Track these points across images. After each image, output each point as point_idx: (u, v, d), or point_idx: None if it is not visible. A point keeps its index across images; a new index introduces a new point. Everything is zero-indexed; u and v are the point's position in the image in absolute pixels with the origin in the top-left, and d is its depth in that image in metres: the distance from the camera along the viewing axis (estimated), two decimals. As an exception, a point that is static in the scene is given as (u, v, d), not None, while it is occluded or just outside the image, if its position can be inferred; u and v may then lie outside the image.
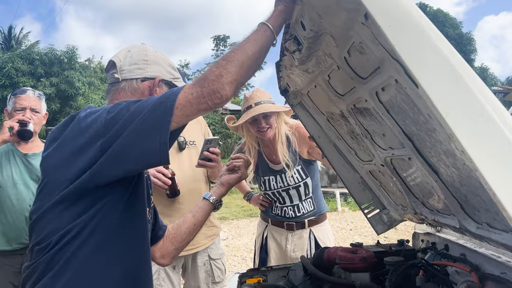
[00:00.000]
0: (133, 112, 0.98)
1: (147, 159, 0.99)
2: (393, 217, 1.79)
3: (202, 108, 0.97)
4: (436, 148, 1.03)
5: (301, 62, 1.34)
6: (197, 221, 1.48)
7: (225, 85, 0.95)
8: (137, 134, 0.96)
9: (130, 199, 1.08)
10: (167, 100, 0.97)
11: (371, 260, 1.29)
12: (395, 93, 1.02)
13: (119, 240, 1.06)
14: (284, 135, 2.40)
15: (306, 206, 2.47)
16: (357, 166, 1.77)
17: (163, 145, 0.96)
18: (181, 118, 0.98)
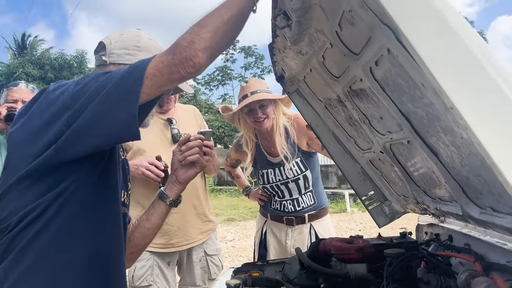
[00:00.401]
0: (102, 83, 0.91)
1: (115, 134, 0.92)
2: (395, 209, 1.71)
3: (174, 77, 0.90)
4: (434, 125, 0.95)
5: (293, 42, 1.28)
6: (152, 225, 1.33)
7: (198, 51, 0.88)
8: (104, 106, 0.89)
9: (101, 179, 1.01)
10: (136, 70, 0.91)
11: (367, 251, 1.22)
12: (389, 67, 0.95)
13: (86, 222, 0.99)
14: (283, 126, 2.32)
15: (306, 200, 2.39)
16: (357, 156, 1.70)
17: (132, 118, 0.89)
18: (152, 89, 0.91)
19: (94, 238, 1.01)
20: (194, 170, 1.36)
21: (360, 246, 1.20)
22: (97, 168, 1.00)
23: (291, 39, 1.26)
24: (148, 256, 2.15)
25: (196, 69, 0.90)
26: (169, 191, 1.34)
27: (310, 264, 1.26)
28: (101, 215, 1.03)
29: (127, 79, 0.90)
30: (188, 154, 1.33)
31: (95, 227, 1.01)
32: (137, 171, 2.04)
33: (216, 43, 0.89)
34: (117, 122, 0.90)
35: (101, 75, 0.94)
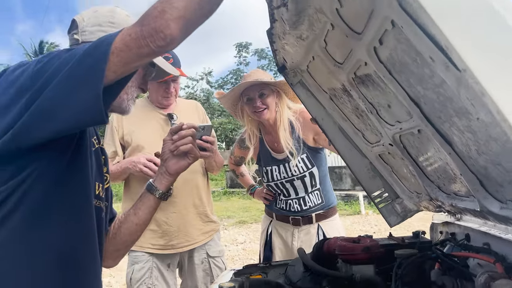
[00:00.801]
0: (64, 60, 0.82)
1: (77, 117, 0.81)
2: (407, 207, 1.59)
3: (144, 52, 0.80)
4: (447, 109, 0.85)
5: (292, 25, 1.18)
6: (139, 220, 1.21)
7: (169, 22, 0.77)
8: (64, 86, 0.80)
9: (68, 169, 0.92)
10: (101, 45, 0.81)
11: (375, 251, 1.11)
12: (394, 44, 0.86)
13: (51, 214, 0.90)
14: (287, 120, 2.19)
15: (313, 198, 2.25)
16: (365, 150, 1.59)
17: (95, 99, 0.79)
18: (119, 66, 0.81)
19: (60, 232, 0.92)
20: (186, 161, 1.24)
21: (367, 246, 1.10)
22: (63, 156, 0.91)
23: (289, 22, 1.17)
24: (147, 258, 2.07)
25: (167, 42, 0.79)
26: (159, 183, 1.23)
27: (313, 266, 1.16)
28: (68, 208, 0.93)
29: (91, 55, 0.81)
30: (180, 143, 1.21)
31: (61, 220, 0.92)
32: (134, 168, 1.96)
33: (191, 13, 0.79)
34: (78, 104, 0.80)
35: (65, 52, 0.85)
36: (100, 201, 1.07)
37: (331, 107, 1.58)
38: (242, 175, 2.69)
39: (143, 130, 2.13)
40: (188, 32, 0.82)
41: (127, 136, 2.12)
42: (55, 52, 0.86)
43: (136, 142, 2.10)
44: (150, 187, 1.22)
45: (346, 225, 7.34)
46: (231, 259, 5.54)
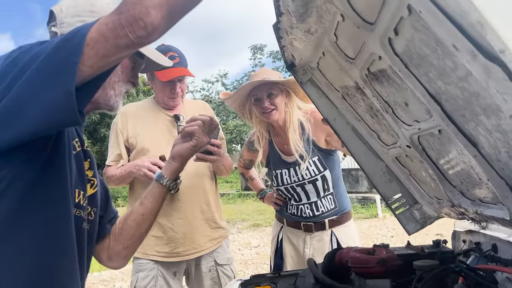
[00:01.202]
0: (36, 53, 0.73)
1: (48, 117, 0.72)
2: (427, 213, 1.48)
3: (122, 43, 0.70)
4: (472, 106, 0.75)
5: (299, 17, 1.10)
6: (146, 210, 1.16)
7: (150, 8, 0.68)
8: (34, 83, 0.72)
9: (43, 175, 0.83)
10: (75, 36, 0.72)
11: (392, 263, 1.01)
12: (411, 33, 0.76)
13: (25, 222, 0.82)
14: (297, 121, 2.08)
15: (326, 203, 2.12)
16: (380, 153, 1.49)
17: (67, 96, 0.70)
18: (96, 60, 0.72)
19: (35, 243, 0.84)
20: (189, 143, 1.19)
21: (382, 258, 1.00)
22: (36, 161, 0.83)
23: (296, 14, 1.08)
24: (151, 266, 1.99)
25: (148, 31, 0.70)
26: (165, 171, 1.18)
27: (323, 279, 1.07)
28: (43, 218, 0.85)
29: (64, 48, 0.72)
30: (188, 125, 1.19)
31: (36, 231, 0.84)
32: (139, 172, 1.89)
33: (174, 0, 0.69)
34: (48, 103, 0.71)
35: (37, 45, 0.76)
36: (80, 210, 0.98)
37: (344, 107, 1.48)
38: (252, 179, 2.59)
39: (148, 132, 2.05)
40: (173, 20, 0.72)
41: (132, 138, 2.05)
42: (26, 46, 0.78)
43: (141, 145, 2.03)
44: (158, 176, 1.19)
45: (363, 229, 7.18)
46: (244, 263, 5.46)
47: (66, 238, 0.89)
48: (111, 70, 0.77)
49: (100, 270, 5.37)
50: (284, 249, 2.20)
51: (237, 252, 6.11)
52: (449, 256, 1.28)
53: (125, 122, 2.09)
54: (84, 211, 0.99)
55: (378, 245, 1.35)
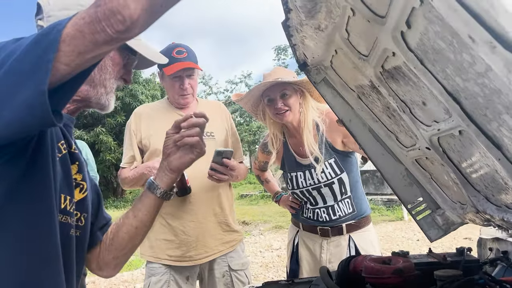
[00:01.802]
0: (11, 52, 0.70)
1: (20, 118, 0.68)
2: (450, 219, 1.40)
3: (100, 39, 0.66)
4: (494, 104, 0.68)
5: (308, 14, 1.04)
6: (139, 223, 1.09)
7: (128, 1, 0.63)
8: (7, 83, 0.68)
9: (23, 181, 0.80)
10: (51, 32, 0.67)
11: (409, 273, 0.94)
12: (425, 25, 0.70)
13: (2, 235, 0.78)
14: (311, 122, 2.00)
15: (343, 208, 2.04)
16: (399, 155, 1.41)
17: (40, 96, 0.66)
18: (73, 57, 0.67)
19: (15, 253, 0.80)
20: (189, 157, 1.10)
21: (399, 268, 0.93)
22: (17, 163, 0.79)
23: (304, 10, 1.02)
24: (164, 270, 1.96)
25: (127, 25, 0.64)
26: (160, 180, 1.10)
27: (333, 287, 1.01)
28: (24, 226, 0.81)
29: (38, 44, 0.68)
30: (187, 134, 1.08)
31: (17, 240, 0.80)
32: (150, 173, 1.86)
33: None
34: (20, 104, 0.67)
35: (12, 42, 0.73)
36: (67, 216, 0.93)
37: (360, 107, 1.41)
38: (267, 181, 2.53)
39: (161, 133, 2.01)
40: (154, 14, 0.67)
41: (145, 139, 2.04)
42: (1, 43, 0.74)
43: (154, 146, 2.01)
44: (151, 185, 1.10)
45: (388, 232, 7.01)
46: (265, 266, 5.40)
47: (49, 243, 0.85)
48: (91, 68, 0.73)
49: (121, 272, 5.43)
50: (300, 254, 2.13)
51: (258, 254, 6.06)
52: (474, 265, 1.19)
53: (139, 123, 2.08)
54: (71, 217, 0.94)
55: (397, 253, 1.28)
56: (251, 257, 5.98)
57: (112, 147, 15.13)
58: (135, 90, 16.70)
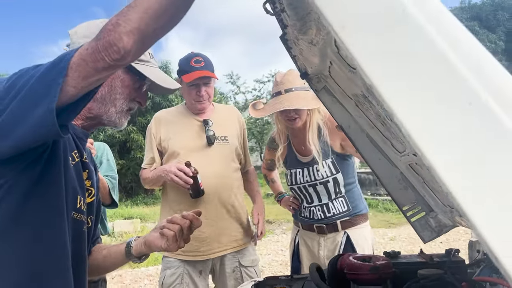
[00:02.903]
0: (29, 77, 0.84)
1: (33, 132, 0.83)
2: (442, 222, 1.46)
3: (100, 66, 0.80)
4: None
5: (299, 31, 1.14)
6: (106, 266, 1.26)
7: (122, 35, 0.76)
8: (24, 103, 0.82)
9: (40, 184, 0.94)
10: (61, 61, 0.82)
11: (385, 271, 1.03)
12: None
13: (20, 230, 0.92)
14: (316, 124, 2.16)
15: (337, 205, 2.17)
16: (395, 160, 1.48)
17: (49, 113, 0.80)
18: (78, 81, 0.82)
19: (30, 245, 0.94)
20: (160, 243, 1.18)
21: (375, 266, 1.02)
22: (32, 170, 0.94)
23: (296, 28, 1.13)
24: (178, 264, 2.11)
25: (122, 55, 0.78)
26: (135, 246, 1.23)
27: (318, 283, 1.10)
28: (39, 222, 0.96)
29: (51, 71, 0.83)
30: (167, 226, 1.18)
31: (32, 233, 0.94)
32: (166, 176, 2.02)
33: (147, 25, 0.76)
34: (34, 120, 0.82)
35: (32, 69, 0.88)
36: (81, 214, 1.09)
37: (358, 114, 1.50)
38: (273, 181, 2.67)
39: (179, 137, 2.18)
40: (145, 45, 0.81)
41: (164, 142, 2.19)
42: (24, 69, 0.90)
43: (172, 149, 2.16)
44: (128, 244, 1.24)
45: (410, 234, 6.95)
46: (285, 264, 5.49)
47: (60, 236, 1.00)
48: (95, 90, 0.87)
49: (147, 266, 5.65)
50: (300, 252, 2.28)
51: (279, 253, 6.16)
52: (460, 266, 1.26)
53: (158, 127, 2.23)
54: (84, 215, 1.10)
55: (388, 252, 1.36)
56: (272, 256, 6.08)
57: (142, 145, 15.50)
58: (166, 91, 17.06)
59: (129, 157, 15.87)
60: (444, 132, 0.47)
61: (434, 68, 0.49)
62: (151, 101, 16.43)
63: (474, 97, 0.47)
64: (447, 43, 0.49)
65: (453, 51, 0.49)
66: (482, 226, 0.44)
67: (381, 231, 7.52)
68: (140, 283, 5.06)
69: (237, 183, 2.24)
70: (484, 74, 0.48)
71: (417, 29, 0.49)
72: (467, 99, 0.47)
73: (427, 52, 0.50)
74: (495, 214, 0.44)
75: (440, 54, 0.49)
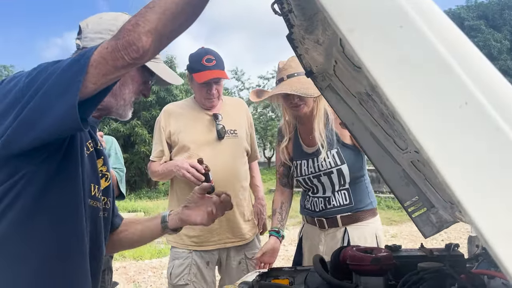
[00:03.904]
0: (50, 73, 0.89)
1: (56, 125, 0.88)
2: (443, 217, 1.50)
3: (119, 64, 0.84)
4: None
5: (306, 30, 1.18)
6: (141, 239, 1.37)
7: (141, 35, 0.81)
8: (47, 98, 0.87)
9: (58, 173, 0.99)
10: (81, 58, 0.87)
11: (386, 262, 1.07)
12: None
13: (41, 217, 0.97)
14: (323, 111, 2.08)
15: (339, 198, 2.08)
16: (397, 157, 1.52)
17: (71, 108, 0.85)
18: (98, 78, 0.86)
19: (50, 232, 0.99)
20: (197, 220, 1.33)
21: (376, 257, 1.06)
22: (53, 161, 0.98)
23: (302, 27, 1.16)
24: (186, 255, 2.17)
25: (141, 54, 0.83)
26: (171, 220, 1.35)
27: (321, 273, 1.15)
28: (58, 210, 1.01)
29: (71, 68, 0.87)
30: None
31: (52, 221, 1.00)
32: (178, 172, 2.06)
33: (163, 25, 0.81)
34: (57, 114, 0.86)
35: (51, 65, 0.92)
36: (96, 201, 1.14)
37: (361, 112, 1.53)
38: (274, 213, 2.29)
39: (189, 131, 2.22)
40: (163, 44, 0.86)
41: (174, 135, 2.23)
42: (43, 65, 0.94)
43: (182, 142, 2.20)
44: (163, 219, 1.34)
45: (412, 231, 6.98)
46: (287, 259, 5.54)
47: (79, 226, 1.05)
48: (111, 86, 0.92)
49: (151, 258, 5.72)
50: (303, 246, 2.25)
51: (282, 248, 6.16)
52: (459, 260, 1.30)
53: (168, 120, 2.27)
54: (99, 202, 1.15)
55: (389, 246, 1.40)
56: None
57: (147, 140, 15.59)
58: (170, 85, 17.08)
59: (133, 151, 15.95)
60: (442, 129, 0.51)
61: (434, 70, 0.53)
62: (156, 96, 16.48)
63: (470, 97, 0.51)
64: (444, 47, 0.53)
65: (450, 54, 0.53)
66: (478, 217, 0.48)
67: (383, 228, 7.55)
68: (144, 275, 5.13)
69: (245, 176, 2.29)
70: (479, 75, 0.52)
71: (419, 33, 0.53)
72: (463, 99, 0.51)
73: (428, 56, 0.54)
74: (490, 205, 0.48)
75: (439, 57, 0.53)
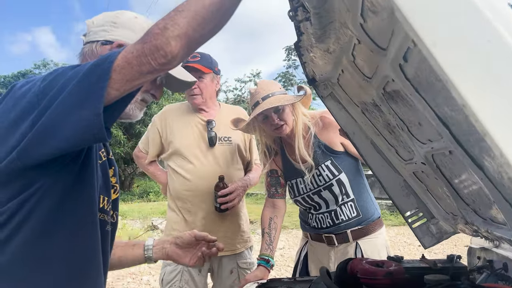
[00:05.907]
0: (69, 77, 0.82)
1: (78, 135, 0.81)
2: (443, 228, 1.51)
3: (145, 70, 0.79)
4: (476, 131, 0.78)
5: (317, 39, 1.15)
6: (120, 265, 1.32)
7: (170, 39, 0.76)
8: (67, 104, 0.80)
9: (75, 184, 0.93)
10: (104, 62, 0.80)
11: (398, 276, 1.05)
12: (418, 62, 0.81)
13: (56, 229, 0.91)
14: (301, 127, 1.99)
15: (346, 211, 1.99)
16: (399, 167, 1.52)
17: (95, 117, 0.79)
18: (122, 84, 0.80)
19: (66, 244, 0.94)
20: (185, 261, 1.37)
21: (389, 271, 1.04)
22: (70, 172, 0.92)
23: (315, 36, 1.14)
24: None
25: (169, 59, 0.78)
26: (156, 253, 1.35)
27: (331, 285, 1.12)
28: (74, 221, 0.95)
29: (93, 73, 0.81)
30: None
31: (68, 233, 0.94)
32: (163, 191, 2.06)
33: (194, 30, 0.77)
34: (79, 122, 0.80)
35: (70, 69, 0.85)
36: (104, 214, 1.08)
37: (363, 121, 1.52)
38: (262, 233, 2.22)
39: (183, 135, 2.19)
40: (191, 49, 0.81)
41: (168, 138, 2.21)
42: (60, 69, 0.87)
43: (174, 147, 2.16)
44: (147, 249, 1.33)
45: (390, 237, 7.09)
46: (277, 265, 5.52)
47: (93, 239, 0.99)
48: (135, 92, 0.85)
49: (129, 265, 5.57)
50: (309, 264, 2.14)
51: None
52: (462, 271, 1.30)
53: (164, 122, 2.24)
54: (107, 215, 1.09)
55: (392, 257, 1.38)
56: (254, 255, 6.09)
57: (121, 141, 15.29)
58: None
59: (108, 153, 15.60)
60: None
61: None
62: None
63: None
64: None
65: None
66: None
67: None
68: (123, 281, 5.00)
69: None
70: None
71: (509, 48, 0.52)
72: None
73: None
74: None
75: None
